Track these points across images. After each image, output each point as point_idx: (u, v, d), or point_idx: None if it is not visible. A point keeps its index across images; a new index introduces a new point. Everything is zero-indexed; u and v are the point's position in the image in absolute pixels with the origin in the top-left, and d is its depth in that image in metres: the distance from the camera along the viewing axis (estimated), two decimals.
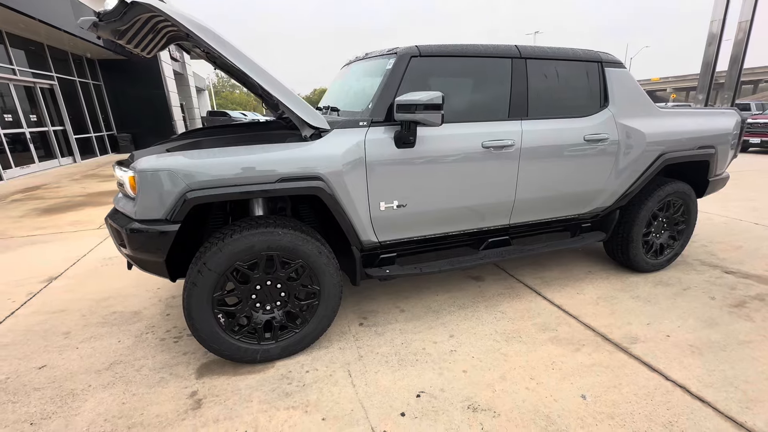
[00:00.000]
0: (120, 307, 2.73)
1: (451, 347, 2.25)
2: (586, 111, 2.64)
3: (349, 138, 2.03)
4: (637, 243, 3.00)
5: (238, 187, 1.82)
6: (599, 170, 2.69)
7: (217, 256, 1.84)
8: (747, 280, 3.03)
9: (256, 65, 1.78)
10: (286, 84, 1.89)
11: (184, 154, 1.80)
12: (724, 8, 13.05)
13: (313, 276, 2.07)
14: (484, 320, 2.52)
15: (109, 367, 2.09)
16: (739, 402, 1.79)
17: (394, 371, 2.05)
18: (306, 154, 1.93)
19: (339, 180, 1.99)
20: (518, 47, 2.43)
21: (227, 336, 1.98)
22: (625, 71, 2.76)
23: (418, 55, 2.19)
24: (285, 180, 1.88)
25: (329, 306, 2.15)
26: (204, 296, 1.87)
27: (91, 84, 12.96)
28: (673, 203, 3.08)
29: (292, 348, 2.13)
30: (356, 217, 2.12)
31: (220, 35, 1.70)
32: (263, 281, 2.00)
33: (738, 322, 2.45)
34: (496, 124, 2.36)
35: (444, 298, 2.82)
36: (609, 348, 2.22)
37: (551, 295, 2.84)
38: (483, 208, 2.44)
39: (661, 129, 2.80)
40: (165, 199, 1.76)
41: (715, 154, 3.06)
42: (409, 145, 2.10)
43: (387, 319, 2.56)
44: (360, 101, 2.33)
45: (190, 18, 1.65)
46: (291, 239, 1.95)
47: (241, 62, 1.73)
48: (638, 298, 2.78)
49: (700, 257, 3.49)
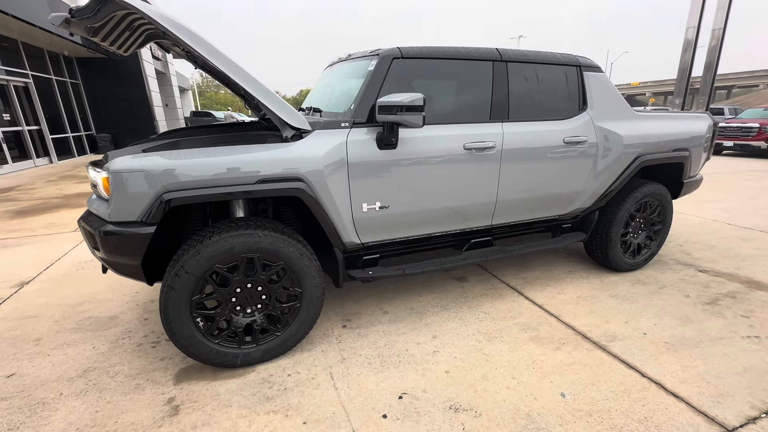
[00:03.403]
0: (95, 312, 2.65)
1: (434, 348, 2.25)
2: (565, 114, 2.69)
3: (331, 139, 2.02)
4: (615, 243, 3.07)
5: (217, 188, 1.79)
6: (578, 172, 2.74)
7: (196, 258, 1.80)
8: (719, 278, 3.13)
9: (234, 64, 1.75)
10: (266, 84, 1.87)
11: (160, 154, 1.76)
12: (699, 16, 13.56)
13: (294, 278, 2.05)
14: (467, 321, 2.54)
15: (82, 374, 2.02)
16: (711, 397, 1.84)
17: (377, 373, 2.04)
18: (286, 155, 1.91)
19: (320, 181, 1.97)
20: (499, 50, 2.46)
21: (206, 340, 1.94)
22: (603, 75, 2.83)
23: (399, 56, 2.19)
24: (265, 181, 1.86)
25: (311, 308, 2.13)
26: (182, 300, 1.83)
27: (69, 82, 12.58)
28: (650, 204, 3.16)
29: (273, 351, 2.10)
30: (338, 218, 2.11)
31: (196, 33, 1.67)
32: (243, 284, 1.97)
33: (711, 319, 2.53)
34: (477, 126, 2.38)
35: (428, 300, 2.82)
36: (588, 346, 2.26)
37: (533, 295, 2.88)
38: (465, 209, 2.46)
39: (638, 132, 2.88)
40: (140, 200, 1.72)
41: (689, 157, 3.16)
42: (391, 146, 2.10)
43: (370, 321, 2.55)
44: (342, 102, 2.32)
45: (165, 15, 1.62)
46: (272, 241, 1.92)
47: (218, 60, 1.71)
48: (617, 296, 2.85)
49: (675, 256, 3.59)
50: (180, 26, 1.64)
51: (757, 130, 10.76)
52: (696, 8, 14.54)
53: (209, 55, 1.68)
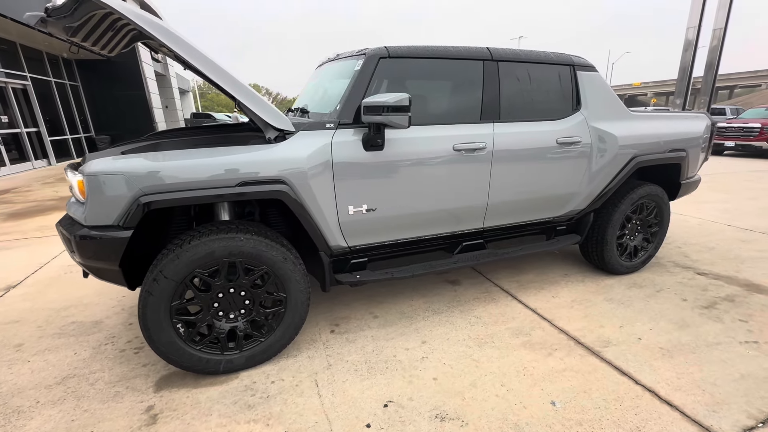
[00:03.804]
0: (80, 316, 2.60)
1: (423, 354, 2.20)
2: (558, 114, 2.64)
3: (315, 140, 1.97)
4: (611, 245, 3.01)
5: (196, 191, 1.74)
6: (572, 173, 2.69)
7: (175, 263, 1.75)
8: (718, 281, 3.06)
9: (212, 63, 1.71)
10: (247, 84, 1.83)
11: (137, 156, 1.72)
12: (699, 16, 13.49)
13: (278, 283, 2.00)
14: (458, 325, 2.49)
15: (61, 381, 1.97)
16: (706, 405, 1.78)
17: (363, 380, 1.99)
18: (268, 156, 1.86)
19: (304, 184, 1.93)
20: (490, 49, 2.41)
21: (187, 346, 1.90)
22: (597, 75, 2.78)
23: (387, 56, 2.15)
24: (246, 184, 1.81)
25: (296, 314, 2.08)
26: (161, 306, 1.78)
27: (68, 84, 12.59)
28: (646, 206, 3.10)
29: (257, 358, 2.05)
30: (323, 221, 2.06)
31: (174, 32, 1.62)
32: (226, 289, 1.92)
33: (708, 323, 2.47)
34: (467, 127, 2.33)
35: (419, 303, 2.77)
36: (581, 352, 2.20)
37: (527, 298, 2.83)
38: (456, 211, 2.41)
39: (633, 132, 2.82)
40: (116, 203, 1.67)
41: (687, 157, 3.10)
42: (378, 147, 2.05)
43: (359, 326, 2.50)
44: (329, 103, 2.27)
45: (142, 14, 1.58)
46: (254, 245, 1.87)
47: (197, 60, 1.67)
48: (612, 300, 2.79)
49: (674, 259, 3.53)
50: (158, 25, 1.60)
51: (759, 130, 10.68)
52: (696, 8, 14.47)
53: (186, 53, 1.64)
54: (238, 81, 1.78)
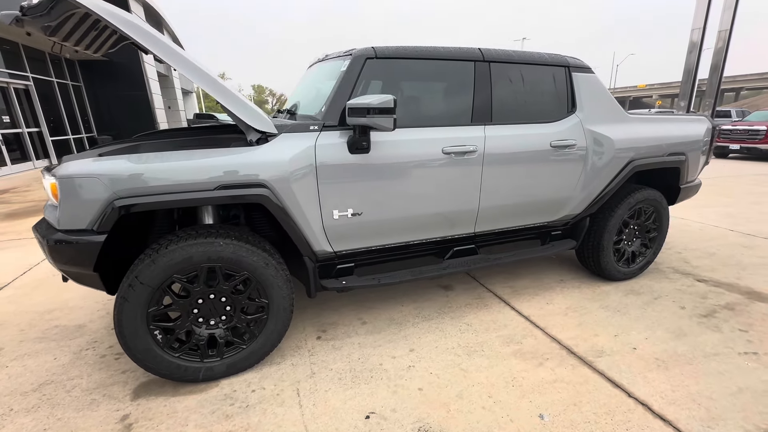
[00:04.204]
0: (64, 320, 2.57)
1: (410, 362, 2.14)
2: (552, 116, 2.57)
3: (298, 143, 1.92)
4: (608, 251, 2.94)
5: (173, 194, 1.69)
6: (567, 177, 2.62)
7: (150, 268, 1.71)
8: (718, 288, 2.98)
9: (191, 63, 1.66)
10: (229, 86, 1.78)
11: (113, 159, 1.68)
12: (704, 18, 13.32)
13: (260, 289, 1.95)
14: (448, 333, 2.42)
15: (37, 388, 1.93)
16: (701, 420, 1.71)
17: (346, 389, 1.93)
18: (249, 159, 1.81)
19: (286, 187, 1.87)
20: (481, 50, 2.35)
21: (165, 354, 1.85)
22: (594, 76, 2.71)
23: (374, 56, 2.09)
24: (225, 187, 1.76)
25: (279, 320, 2.03)
26: (137, 312, 1.73)
27: (70, 85, 12.65)
28: (644, 210, 3.03)
29: (238, 365, 2.00)
30: (307, 226, 2.01)
31: (150, 31, 1.58)
32: (205, 295, 1.87)
33: (706, 333, 2.39)
34: (457, 130, 2.27)
35: (409, 309, 2.71)
36: (573, 362, 2.13)
37: (520, 305, 2.76)
38: (445, 216, 2.35)
39: (630, 135, 2.75)
40: (89, 207, 1.63)
41: (686, 161, 3.03)
42: (363, 150, 2.00)
43: (347, 332, 2.44)
44: (316, 105, 2.22)
45: (116, 12, 1.53)
46: (234, 250, 1.82)
47: (172, 59, 1.62)
48: (608, 308, 2.71)
49: (673, 264, 3.45)
50: (132, 23, 1.55)
51: (765, 132, 10.52)
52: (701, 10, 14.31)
53: (162, 53, 1.59)
54: (218, 81, 1.73)
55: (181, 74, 5.91)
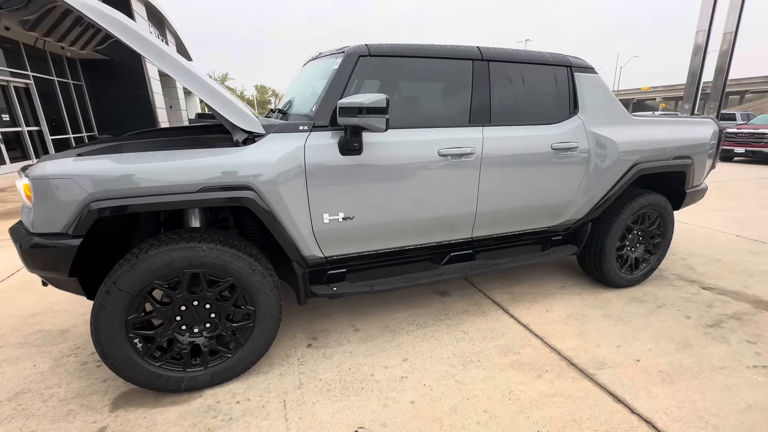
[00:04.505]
0: (48, 324, 2.49)
1: (403, 373, 2.05)
2: (554, 118, 2.48)
3: (287, 143, 1.84)
4: (610, 257, 2.84)
5: (152, 197, 1.61)
6: (568, 180, 2.53)
7: (129, 274, 1.63)
8: (724, 296, 2.88)
9: (172, 59, 1.59)
10: (213, 83, 1.70)
11: (91, 159, 1.60)
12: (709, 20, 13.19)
13: (246, 296, 1.87)
14: (443, 341, 2.33)
15: (13, 397, 1.85)
16: None
17: (335, 402, 1.85)
18: (234, 161, 1.73)
19: (273, 190, 1.79)
20: (480, 48, 2.27)
21: (146, 363, 1.77)
22: (597, 77, 2.62)
23: (367, 54, 2.01)
24: (208, 190, 1.68)
25: (266, 328, 1.95)
26: (115, 320, 1.65)
27: (71, 84, 12.62)
28: (648, 215, 2.93)
29: (223, 375, 1.92)
30: (296, 230, 1.92)
31: (129, 25, 1.50)
32: (189, 302, 1.79)
33: (713, 344, 2.30)
34: (454, 131, 2.19)
35: (404, 316, 2.62)
36: (573, 374, 2.04)
37: (519, 312, 2.67)
38: (442, 220, 2.26)
39: (635, 138, 2.66)
40: (64, 209, 1.55)
41: (692, 165, 2.93)
42: (355, 152, 1.91)
43: (338, 340, 2.36)
44: (307, 104, 2.14)
45: (91, 4, 1.46)
46: (217, 255, 1.74)
47: (150, 52, 1.54)
48: (610, 316, 2.62)
49: (677, 271, 3.35)
50: (109, 17, 1.48)
51: None
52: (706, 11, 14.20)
53: (138, 46, 1.51)
54: (201, 78, 1.65)
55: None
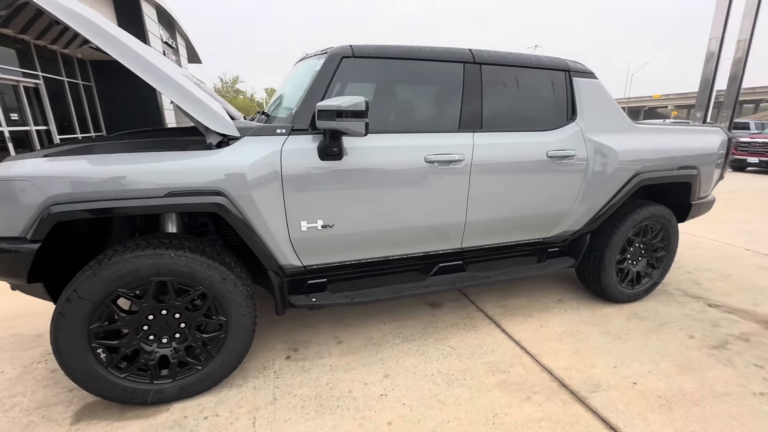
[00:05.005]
0: (23, 328, 2.44)
1: (383, 390, 1.94)
2: (550, 124, 2.37)
3: (262, 147, 1.76)
4: (609, 270, 2.70)
5: (116, 201, 1.54)
6: (565, 190, 2.41)
7: (91, 281, 1.55)
8: (732, 315, 2.72)
9: (139, 56, 1.52)
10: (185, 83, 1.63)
11: (53, 160, 1.53)
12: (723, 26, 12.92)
13: (217, 305, 1.78)
14: (429, 357, 2.22)
15: None
16: None
17: (308, 420, 1.75)
18: (204, 164, 1.65)
19: (245, 195, 1.71)
20: (472, 51, 2.17)
21: (110, 374, 1.69)
22: (597, 82, 2.50)
23: (351, 55, 1.93)
24: (175, 195, 1.60)
25: (239, 339, 1.86)
26: (76, 329, 1.58)
27: (81, 84, 12.79)
28: (651, 228, 2.79)
29: (192, 388, 1.83)
30: (271, 238, 1.84)
31: (97, 22, 1.44)
32: (157, 311, 1.71)
33: (717, 367, 2.15)
34: (443, 136, 2.09)
35: (390, 329, 2.52)
36: (564, 397, 1.91)
37: (511, 327, 2.54)
38: (427, 230, 2.15)
39: (636, 146, 2.53)
40: (22, 213, 1.48)
41: (698, 175, 2.79)
42: (335, 157, 1.83)
43: (320, 352, 2.26)
44: (289, 106, 2.06)
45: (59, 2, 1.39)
46: (186, 263, 1.66)
47: (116, 51, 1.48)
48: (608, 333, 2.48)
49: (683, 286, 3.19)
50: (75, 13, 1.41)
51: None
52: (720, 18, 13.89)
53: (103, 42, 1.45)
54: (171, 78, 1.58)
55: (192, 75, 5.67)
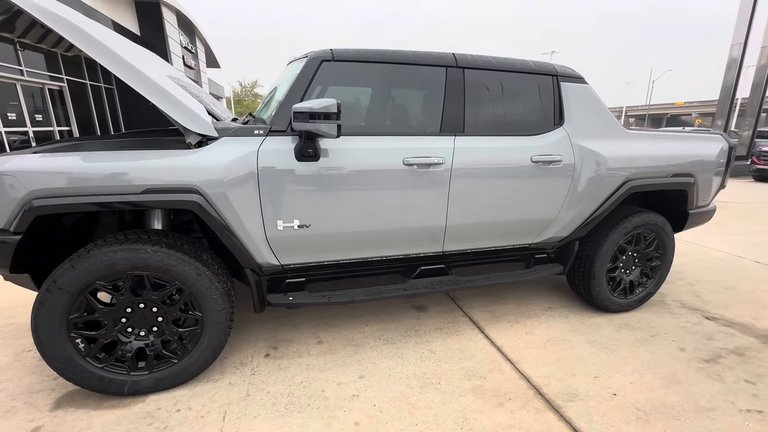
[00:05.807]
0: (21, 318, 2.54)
1: (355, 391, 1.95)
2: (535, 129, 2.35)
3: (239, 147, 1.80)
4: (600, 279, 2.65)
5: (94, 197, 1.61)
6: (550, 196, 2.38)
7: (69, 273, 1.62)
8: (729, 328, 2.62)
9: (116, 55, 1.58)
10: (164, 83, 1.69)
11: (34, 157, 1.61)
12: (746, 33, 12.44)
13: (193, 301, 1.83)
14: (407, 360, 2.22)
15: None
16: None
17: (276, 417, 1.77)
18: (182, 163, 1.71)
19: (220, 194, 1.75)
20: (455, 55, 2.18)
21: (87, 364, 1.75)
22: (586, 87, 2.47)
23: (330, 59, 1.96)
24: (152, 192, 1.66)
25: (214, 335, 1.90)
26: (55, 318, 1.64)
27: (103, 87, 13.30)
28: (645, 236, 2.72)
29: (167, 381, 1.88)
30: (247, 237, 1.88)
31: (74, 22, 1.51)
32: (134, 304, 1.77)
33: (705, 381, 2.08)
34: (422, 139, 2.09)
35: (373, 330, 2.52)
36: (538, 405, 1.88)
37: (495, 333, 2.51)
38: (405, 233, 2.16)
39: (627, 153, 2.48)
40: (5, 206, 1.56)
41: (695, 184, 2.71)
42: (311, 158, 1.86)
43: (299, 351, 2.28)
44: (270, 109, 2.11)
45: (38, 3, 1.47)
46: (161, 258, 1.72)
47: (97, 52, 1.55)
48: (595, 343, 2.43)
49: (681, 298, 3.09)
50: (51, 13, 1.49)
51: None
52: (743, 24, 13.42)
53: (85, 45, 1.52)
54: (149, 77, 1.65)
55: (210, 80, 5.67)
